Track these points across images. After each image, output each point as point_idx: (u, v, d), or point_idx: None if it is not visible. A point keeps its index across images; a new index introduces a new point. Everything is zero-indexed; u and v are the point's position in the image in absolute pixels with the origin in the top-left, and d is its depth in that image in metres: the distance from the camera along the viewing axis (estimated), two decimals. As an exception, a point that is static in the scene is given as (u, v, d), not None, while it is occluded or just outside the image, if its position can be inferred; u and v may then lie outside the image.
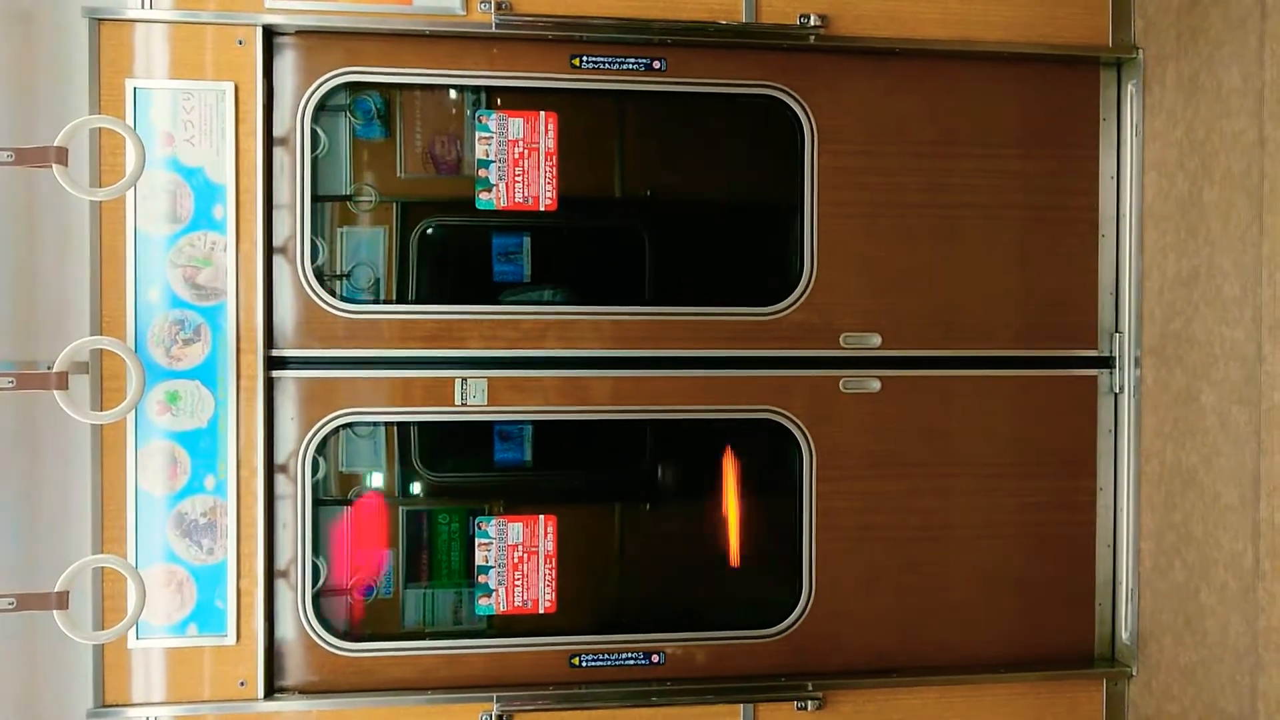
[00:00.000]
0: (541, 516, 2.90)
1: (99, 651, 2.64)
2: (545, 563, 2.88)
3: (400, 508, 3.10)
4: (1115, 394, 3.01)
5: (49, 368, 2.42)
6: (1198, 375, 2.68)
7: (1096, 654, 3.04)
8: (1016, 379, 3.00)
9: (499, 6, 2.73)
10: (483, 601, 2.86)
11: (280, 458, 2.75)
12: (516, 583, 2.87)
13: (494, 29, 2.73)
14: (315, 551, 2.78)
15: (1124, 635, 3.00)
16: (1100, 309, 3.02)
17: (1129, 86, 2.97)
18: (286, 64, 2.75)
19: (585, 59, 2.82)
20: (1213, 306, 2.63)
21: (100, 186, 2.59)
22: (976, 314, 2.98)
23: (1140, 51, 2.92)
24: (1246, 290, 2.51)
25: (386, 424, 2.98)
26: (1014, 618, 3.02)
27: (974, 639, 2.99)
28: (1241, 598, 2.52)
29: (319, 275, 2.78)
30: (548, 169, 2.86)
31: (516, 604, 2.87)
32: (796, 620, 2.92)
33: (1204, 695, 2.65)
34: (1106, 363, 3.02)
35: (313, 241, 2.76)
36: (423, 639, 2.91)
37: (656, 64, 2.85)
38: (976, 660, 2.98)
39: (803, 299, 2.91)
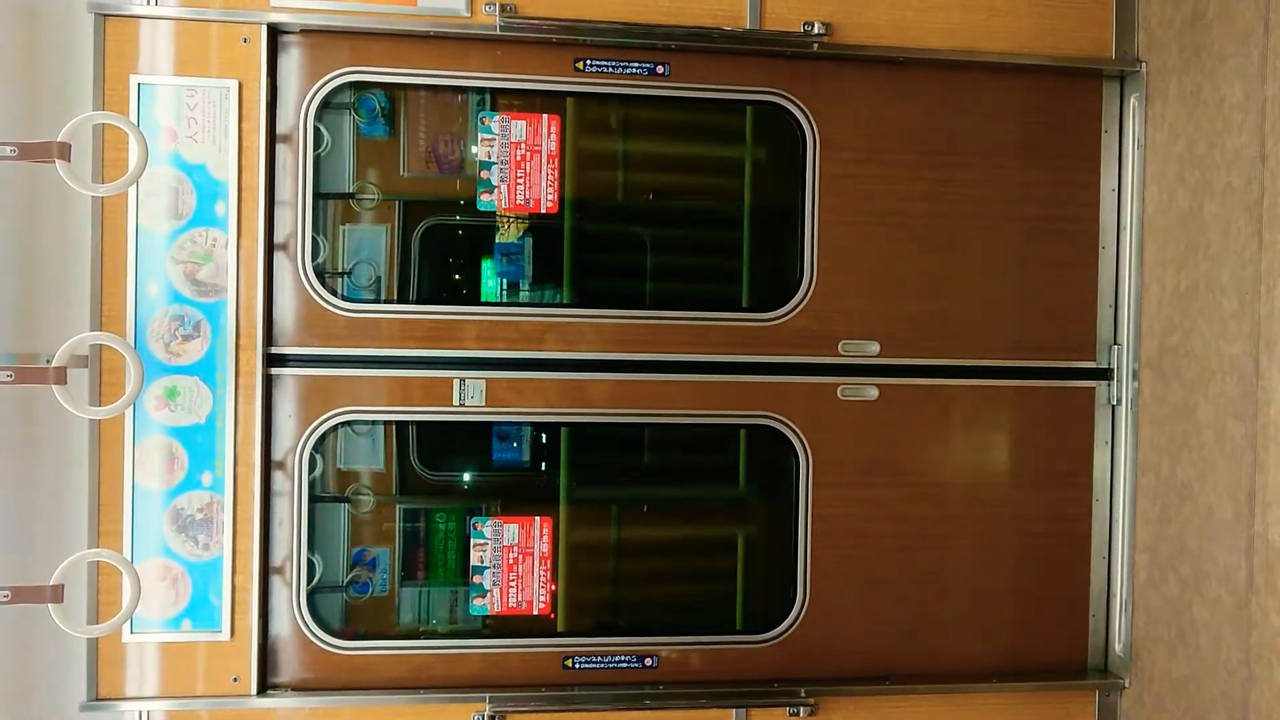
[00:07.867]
0: (537, 518, 2.90)
1: (93, 645, 2.65)
2: (540, 564, 2.88)
3: (397, 506, 3.11)
4: (1112, 406, 3.02)
5: (48, 362, 2.42)
6: (1195, 389, 2.69)
7: (1090, 665, 3.04)
8: (1014, 389, 3.00)
9: (503, 9, 2.73)
10: (477, 602, 2.86)
11: (278, 455, 2.75)
12: (511, 584, 2.87)
13: (498, 31, 2.73)
14: (311, 548, 2.78)
15: (1117, 647, 3.00)
16: (1099, 321, 3.02)
17: (1131, 100, 2.98)
18: (291, 62, 2.75)
19: (589, 62, 2.83)
20: (1211, 321, 2.63)
21: (103, 182, 2.60)
22: (975, 324, 2.98)
23: (1143, 65, 2.93)
24: (1245, 305, 2.51)
25: (385, 423, 2.99)
26: (1008, 627, 3.02)
27: (968, 648, 2.99)
28: (1235, 612, 2.52)
29: (320, 273, 2.78)
30: (549, 171, 2.86)
31: (511, 605, 2.87)
32: (791, 626, 2.92)
33: (1195, 708, 2.65)
34: (1104, 374, 3.02)
35: (314, 239, 2.76)
36: (417, 638, 2.92)
37: (660, 69, 2.85)
38: (970, 669, 2.98)
39: (802, 305, 2.91)
